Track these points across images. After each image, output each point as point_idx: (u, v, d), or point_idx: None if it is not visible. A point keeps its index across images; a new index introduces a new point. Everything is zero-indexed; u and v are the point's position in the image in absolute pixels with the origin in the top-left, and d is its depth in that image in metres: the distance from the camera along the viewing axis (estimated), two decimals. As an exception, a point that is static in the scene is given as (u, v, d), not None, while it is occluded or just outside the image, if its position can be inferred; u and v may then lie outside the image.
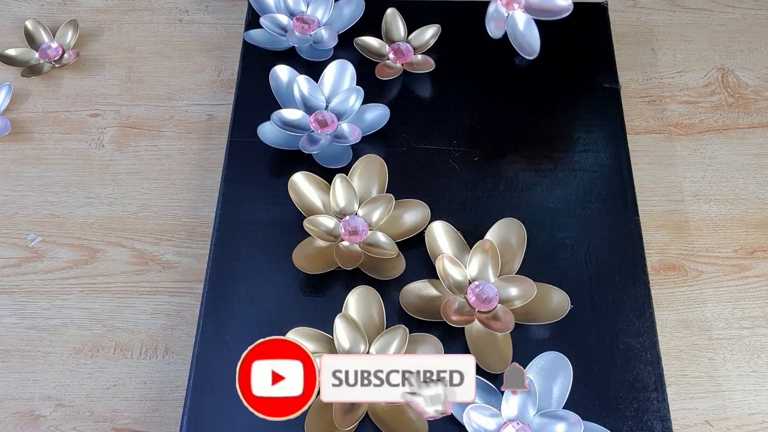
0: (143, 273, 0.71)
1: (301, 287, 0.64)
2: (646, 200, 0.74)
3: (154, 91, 0.83)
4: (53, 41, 0.85)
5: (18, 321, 0.69)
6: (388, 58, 0.78)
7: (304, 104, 0.72)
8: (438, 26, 0.79)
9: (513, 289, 0.63)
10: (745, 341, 0.68)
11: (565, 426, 0.56)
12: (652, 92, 0.83)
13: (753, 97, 0.82)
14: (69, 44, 0.85)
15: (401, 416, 0.57)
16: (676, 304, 0.70)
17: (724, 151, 0.79)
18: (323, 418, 0.56)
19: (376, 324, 0.61)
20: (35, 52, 0.84)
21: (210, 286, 0.64)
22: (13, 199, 0.75)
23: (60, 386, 0.65)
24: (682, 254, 0.72)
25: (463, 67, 0.78)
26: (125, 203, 0.75)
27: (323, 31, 0.78)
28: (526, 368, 0.58)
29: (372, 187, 0.68)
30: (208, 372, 0.60)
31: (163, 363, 0.66)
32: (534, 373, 0.58)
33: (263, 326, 0.62)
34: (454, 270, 0.63)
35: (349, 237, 0.65)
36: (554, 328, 0.62)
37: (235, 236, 0.67)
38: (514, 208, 0.69)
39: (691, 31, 0.88)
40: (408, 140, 0.73)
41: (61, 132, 0.80)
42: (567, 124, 0.74)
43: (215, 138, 0.79)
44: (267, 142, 0.70)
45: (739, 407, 0.65)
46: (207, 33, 0.87)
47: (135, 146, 0.79)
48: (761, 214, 0.75)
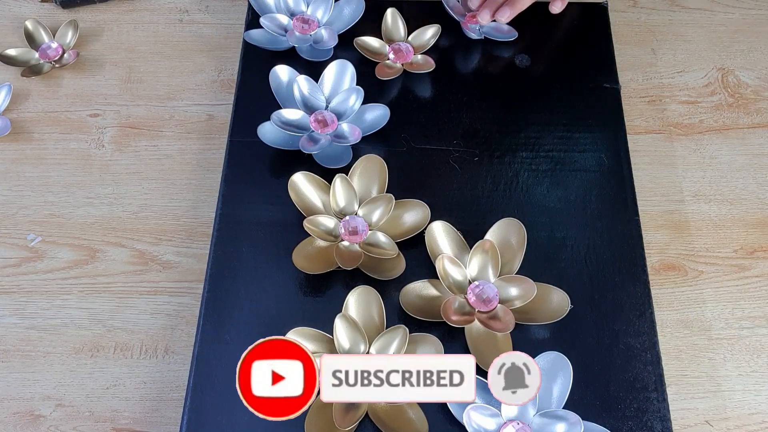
0: (143, 273, 0.71)
1: (301, 287, 0.64)
2: (646, 200, 0.74)
3: (154, 91, 0.83)
4: (53, 41, 0.85)
5: (18, 321, 0.69)
6: (388, 58, 0.78)
7: (304, 104, 0.72)
8: (438, 26, 0.79)
9: (513, 289, 0.63)
10: (745, 341, 0.68)
11: (565, 426, 0.56)
12: (652, 92, 0.83)
13: (753, 97, 0.82)
14: (69, 44, 0.85)
15: (401, 416, 0.57)
16: (676, 304, 0.70)
17: (724, 151, 0.79)
18: (323, 418, 0.56)
19: (376, 324, 0.61)
20: (35, 52, 0.84)
21: (210, 286, 0.64)
22: (13, 199, 0.75)
23: (60, 386, 0.65)
24: (682, 254, 0.72)
25: (463, 67, 0.78)
26: (125, 203, 0.75)
27: (323, 31, 0.78)
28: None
29: (372, 187, 0.68)
30: (208, 372, 0.60)
31: (163, 363, 0.66)
32: (534, 373, 0.58)
33: (263, 326, 0.62)
34: (454, 270, 0.63)
35: (349, 237, 0.65)
36: (554, 328, 0.62)
37: (235, 236, 0.67)
38: (514, 208, 0.69)
39: (691, 31, 0.88)
40: (408, 140, 0.73)
41: (61, 132, 0.80)
42: (567, 125, 0.74)
43: (215, 138, 0.79)
44: (267, 142, 0.70)
45: (739, 407, 0.65)
46: (207, 33, 0.87)
47: (135, 146, 0.79)
48: (761, 214, 0.75)
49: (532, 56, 0.79)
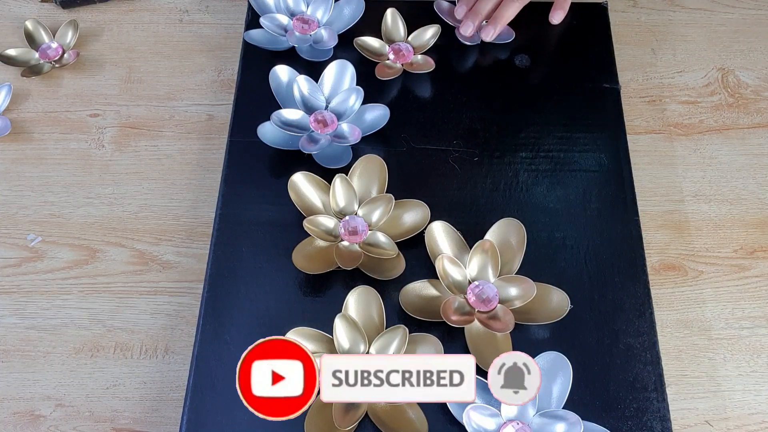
0: (143, 273, 0.71)
1: (301, 287, 0.64)
2: (646, 200, 0.74)
3: (154, 91, 0.83)
4: (53, 41, 0.85)
5: (18, 321, 0.69)
6: (388, 58, 0.78)
7: (304, 104, 0.72)
8: (438, 26, 0.79)
9: (513, 289, 0.63)
10: (745, 341, 0.68)
11: (565, 426, 0.56)
12: (652, 92, 0.83)
13: (753, 97, 0.82)
14: (69, 44, 0.85)
15: (401, 416, 0.57)
16: (676, 304, 0.69)
17: (724, 151, 0.79)
18: (323, 418, 0.56)
19: (376, 324, 0.61)
20: (35, 52, 0.84)
21: (210, 286, 0.64)
22: (13, 199, 0.75)
23: (60, 386, 0.65)
24: (682, 254, 0.72)
25: (463, 67, 0.78)
26: (125, 203, 0.75)
27: (323, 31, 0.78)
28: (526, 368, 0.58)
29: (372, 187, 0.68)
30: (208, 372, 0.60)
31: (163, 363, 0.66)
32: (534, 373, 0.58)
33: (263, 326, 0.62)
34: (453, 270, 0.63)
35: (349, 237, 0.65)
36: (554, 328, 0.62)
37: (235, 236, 0.67)
38: (514, 208, 0.69)
39: (691, 31, 0.88)
40: (408, 140, 0.73)
41: (61, 132, 0.80)
42: (567, 124, 0.74)
43: (215, 138, 0.79)
44: (267, 142, 0.70)
45: (739, 407, 0.65)
46: (207, 33, 0.87)
47: (135, 146, 0.79)
48: (761, 214, 0.75)
49: (532, 56, 0.79)
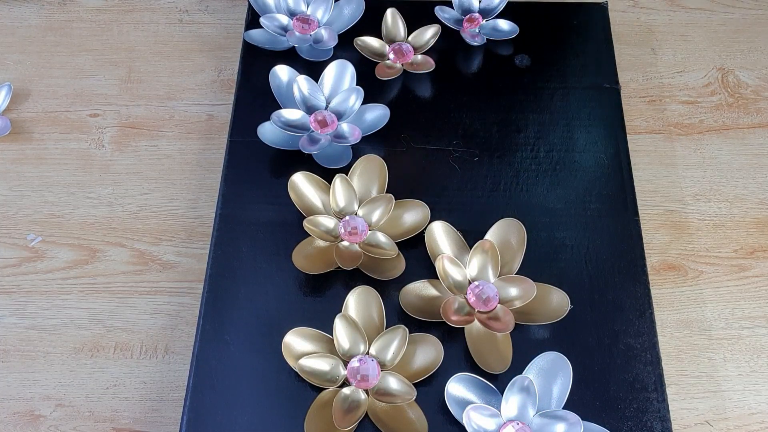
0: (143, 273, 0.71)
1: (301, 287, 0.64)
2: (646, 200, 0.74)
3: (154, 91, 0.83)
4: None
5: (18, 321, 0.69)
6: (388, 58, 0.78)
7: (304, 104, 0.72)
8: (438, 26, 0.79)
9: (513, 289, 0.63)
10: (745, 341, 0.68)
11: (565, 426, 0.56)
12: (652, 92, 0.83)
13: (753, 97, 0.82)
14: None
15: (401, 416, 0.57)
16: (676, 304, 0.70)
17: (724, 151, 0.79)
18: (323, 418, 0.56)
19: (375, 324, 0.61)
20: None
21: (210, 286, 0.64)
22: (13, 199, 0.75)
23: (60, 386, 0.65)
24: (682, 254, 0.72)
25: (463, 67, 0.78)
26: (125, 203, 0.75)
27: (323, 31, 0.78)
28: (526, 368, 0.58)
29: (372, 187, 0.68)
30: (208, 372, 0.60)
31: (163, 363, 0.66)
32: (534, 373, 0.58)
33: (263, 326, 0.62)
34: (453, 270, 0.63)
35: (349, 237, 0.65)
36: (554, 328, 0.62)
37: (235, 236, 0.67)
38: (514, 208, 0.69)
39: (691, 31, 0.88)
40: (408, 140, 0.73)
41: (61, 132, 0.80)
42: (567, 124, 0.74)
43: (215, 138, 0.79)
44: (267, 142, 0.70)
45: (739, 407, 0.65)
46: (207, 33, 0.87)
47: (135, 146, 0.79)
48: (761, 214, 0.75)
49: (532, 56, 0.79)
